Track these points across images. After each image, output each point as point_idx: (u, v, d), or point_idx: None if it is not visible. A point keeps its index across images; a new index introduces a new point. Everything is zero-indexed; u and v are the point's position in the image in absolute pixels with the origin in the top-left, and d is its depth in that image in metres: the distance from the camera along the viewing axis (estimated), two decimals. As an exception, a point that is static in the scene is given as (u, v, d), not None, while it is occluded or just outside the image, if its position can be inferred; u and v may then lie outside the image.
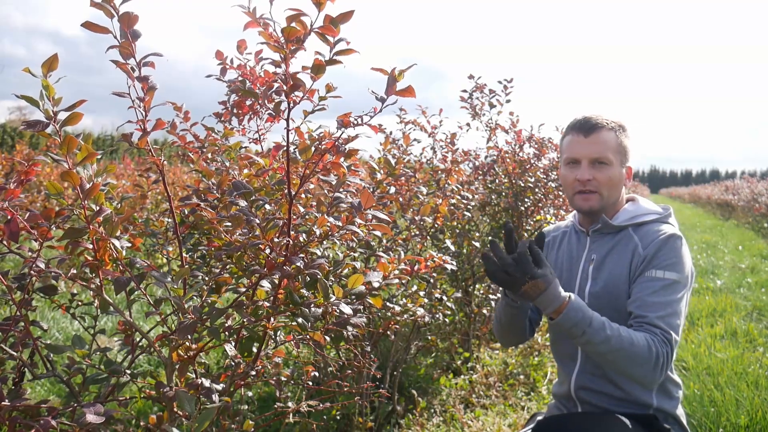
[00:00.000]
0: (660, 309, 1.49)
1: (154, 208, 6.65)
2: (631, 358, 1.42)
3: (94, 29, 1.08)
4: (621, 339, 1.41)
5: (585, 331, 1.41)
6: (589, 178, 1.62)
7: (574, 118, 1.69)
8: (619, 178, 1.65)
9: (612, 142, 1.63)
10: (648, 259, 1.56)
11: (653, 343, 1.43)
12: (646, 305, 1.50)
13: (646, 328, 1.47)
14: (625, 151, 1.66)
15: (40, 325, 1.32)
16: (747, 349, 4.02)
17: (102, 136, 23.53)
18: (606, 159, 1.62)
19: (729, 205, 18.84)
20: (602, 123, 1.64)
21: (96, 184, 1.09)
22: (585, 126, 1.64)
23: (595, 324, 1.42)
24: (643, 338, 1.43)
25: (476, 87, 3.86)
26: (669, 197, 46.60)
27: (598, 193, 1.63)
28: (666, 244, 1.56)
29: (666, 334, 1.46)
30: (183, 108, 1.77)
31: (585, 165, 1.63)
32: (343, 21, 1.12)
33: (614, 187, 1.64)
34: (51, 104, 1.06)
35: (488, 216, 4.10)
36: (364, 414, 2.62)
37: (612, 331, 1.42)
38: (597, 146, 1.62)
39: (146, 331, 1.29)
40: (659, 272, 1.53)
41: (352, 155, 1.32)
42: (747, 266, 7.85)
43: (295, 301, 1.29)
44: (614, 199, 1.66)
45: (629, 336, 1.42)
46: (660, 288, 1.51)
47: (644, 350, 1.42)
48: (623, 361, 1.43)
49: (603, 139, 1.62)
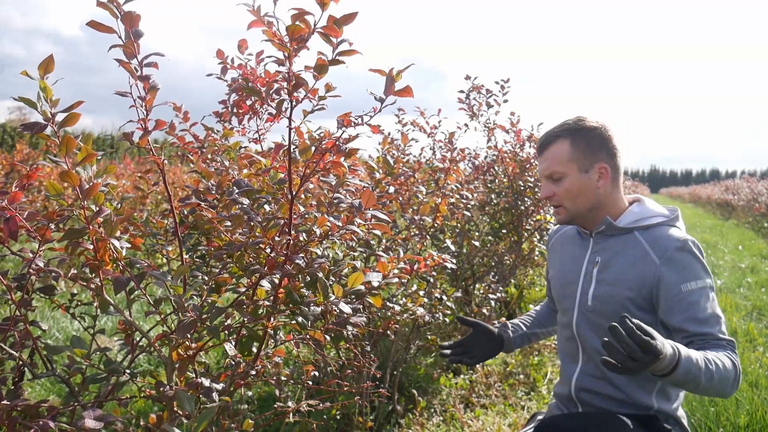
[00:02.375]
0: (715, 322, 1.48)
1: (154, 208, 6.66)
2: (724, 382, 1.40)
3: (99, 28, 1.09)
4: (719, 370, 1.38)
5: (696, 377, 1.35)
6: (549, 194, 1.64)
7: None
8: (579, 185, 1.60)
9: (561, 153, 1.60)
10: (672, 272, 1.52)
11: (732, 357, 1.43)
12: (701, 322, 1.48)
13: (715, 344, 1.46)
14: (585, 154, 1.59)
15: (39, 326, 1.32)
16: (747, 349, 4.02)
17: (102, 135, 23.54)
18: (556, 173, 1.61)
19: (729, 205, 18.84)
20: (552, 136, 1.63)
21: (95, 185, 1.09)
22: (540, 144, 1.67)
23: (701, 366, 1.36)
24: (727, 358, 1.42)
25: (473, 87, 3.86)
26: (669, 197, 46.58)
27: (563, 207, 1.64)
28: (684, 252, 1.53)
29: (731, 343, 1.47)
30: (182, 108, 1.77)
31: (544, 183, 1.66)
32: (347, 22, 1.12)
33: (578, 195, 1.60)
34: (49, 106, 1.06)
35: (488, 215, 4.10)
36: (364, 414, 2.62)
37: (712, 365, 1.37)
38: (546, 162, 1.63)
39: (146, 330, 1.29)
40: (692, 284, 1.51)
41: (352, 155, 1.32)
42: (747, 266, 7.85)
43: (295, 300, 1.30)
44: (588, 206, 1.62)
45: (722, 363, 1.39)
46: (702, 300, 1.50)
47: (731, 371, 1.41)
48: (719, 386, 1.39)
49: (551, 155, 1.62)
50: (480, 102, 3.89)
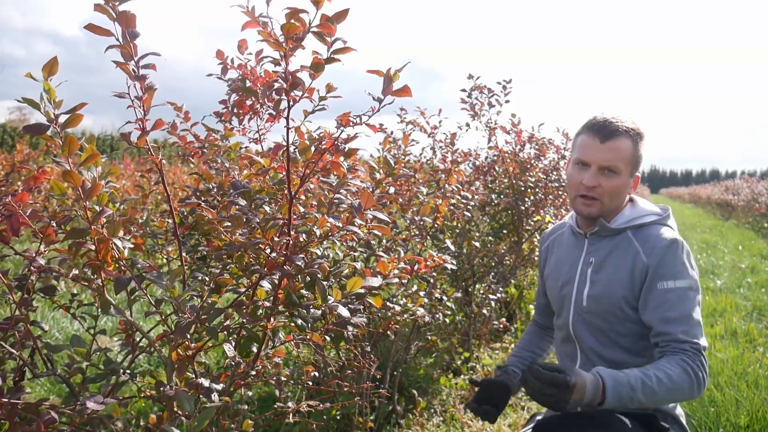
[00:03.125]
0: (682, 323, 1.48)
1: (155, 208, 6.66)
2: (677, 392, 1.43)
3: (96, 31, 1.09)
4: (662, 384, 1.41)
5: (633, 397, 1.40)
6: (595, 184, 1.59)
7: (594, 117, 1.63)
8: (624, 187, 1.62)
9: (626, 151, 1.58)
10: (654, 269, 1.54)
11: (687, 365, 1.44)
12: (668, 321, 1.49)
13: (674, 347, 1.47)
14: (637, 161, 1.62)
15: (40, 326, 1.32)
16: (747, 349, 4.02)
17: (102, 136, 23.55)
18: (616, 168, 1.58)
19: (729, 205, 18.84)
20: (621, 130, 1.58)
21: (97, 185, 1.10)
22: (603, 130, 1.58)
23: (636, 385, 1.40)
24: (678, 366, 1.43)
25: (475, 87, 3.86)
26: (669, 197, 46.59)
27: (600, 201, 1.61)
28: (669, 251, 1.54)
29: (694, 345, 1.47)
30: (183, 108, 1.77)
31: (593, 170, 1.59)
32: (339, 20, 1.13)
33: (618, 196, 1.62)
34: (52, 107, 1.06)
35: (488, 216, 4.10)
36: (364, 414, 2.62)
37: (652, 381, 1.41)
38: (610, 153, 1.57)
39: (146, 330, 1.29)
40: (670, 282, 1.52)
41: (351, 155, 1.32)
42: (747, 266, 7.85)
43: (294, 302, 1.30)
44: (615, 207, 1.64)
45: (667, 375, 1.42)
46: (676, 300, 1.50)
47: (684, 379, 1.43)
48: (671, 397, 1.44)
49: (618, 147, 1.57)
50: (482, 102, 3.89)
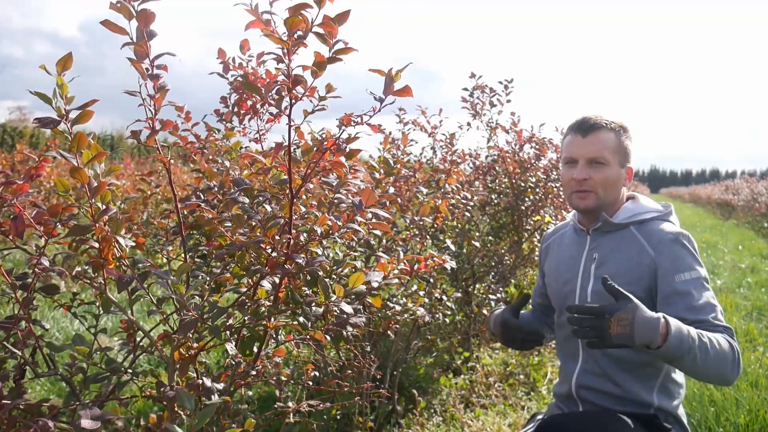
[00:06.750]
0: (711, 309, 1.49)
1: (155, 209, 6.66)
2: (722, 361, 1.40)
3: (112, 28, 1.09)
4: (714, 347, 1.38)
5: (691, 349, 1.35)
6: (585, 177, 1.63)
7: (575, 119, 1.70)
8: (616, 178, 1.65)
9: (610, 142, 1.64)
10: (666, 264, 1.55)
11: (728, 342, 1.43)
12: (696, 309, 1.49)
13: (712, 329, 1.46)
14: (625, 151, 1.66)
15: (41, 325, 1.32)
16: (747, 349, 4.02)
17: (102, 135, 23.57)
18: (602, 158, 1.62)
19: (729, 205, 18.85)
20: (601, 123, 1.64)
21: (103, 183, 1.10)
22: (583, 126, 1.65)
23: (695, 337, 1.36)
24: (722, 338, 1.43)
25: (477, 86, 3.87)
26: (669, 197, 46.59)
27: (594, 193, 1.64)
28: (677, 244, 1.57)
29: (728, 329, 1.48)
30: (184, 108, 1.77)
31: (581, 164, 1.64)
32: (341, 21, 1.14)
33: (611, 186, 1.65)
34: (63, 102, 1.07)
35: (488, 216, 4.10)
36: (364, 414, 2.62)
37: (709, 339, 1.38)
38: (594, 146, 1.63)
39: (148, 330, 1.29)
40: (686, 274, 1.53)
41: (353, 155, 1.33)
42: (747, 266, 7.85)
43: (296, 300, 1.30)
44: (612, 199, 1.67)
45: (717, 341, 1.40)
46: (697, 289, 1.52)
47: (729, 352, 1.41)
48: (717, 365, 1.39)
49: (600, 139, 1.63)
50: (483, 101, 3.89)
